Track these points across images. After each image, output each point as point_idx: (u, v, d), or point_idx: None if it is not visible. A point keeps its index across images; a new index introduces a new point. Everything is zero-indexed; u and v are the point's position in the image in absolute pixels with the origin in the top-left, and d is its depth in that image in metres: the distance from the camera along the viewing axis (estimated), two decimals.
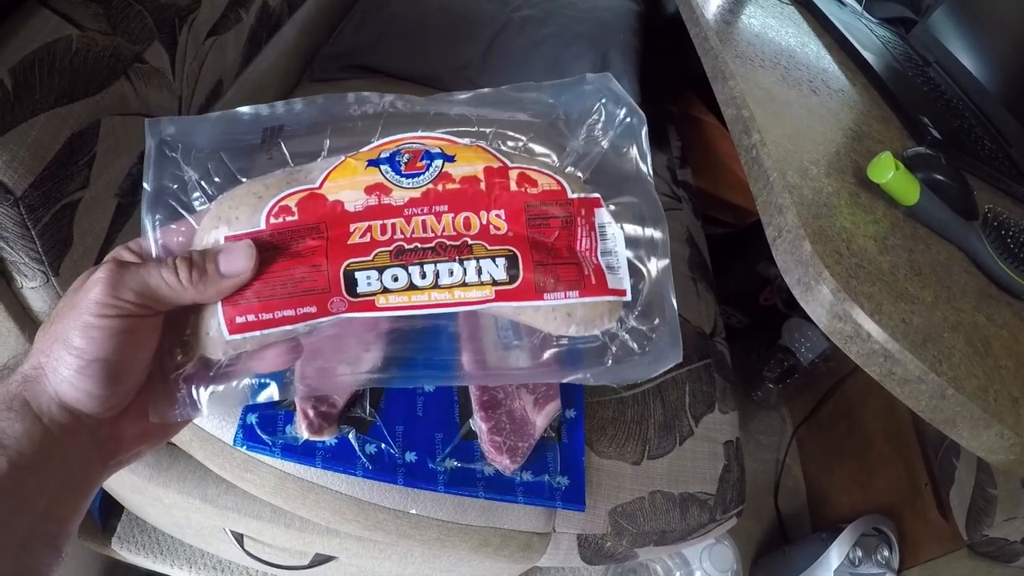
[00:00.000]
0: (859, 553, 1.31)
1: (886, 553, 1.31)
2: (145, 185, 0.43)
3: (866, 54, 1.03)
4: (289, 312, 0.41)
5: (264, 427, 0.76)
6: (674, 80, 1.64)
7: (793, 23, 1.10)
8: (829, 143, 0.79)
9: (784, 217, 0.65)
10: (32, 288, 0.67)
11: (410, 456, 0.77)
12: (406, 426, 0.78)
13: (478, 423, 0.78)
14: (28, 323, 0.71)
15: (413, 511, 0.79)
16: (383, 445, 0.77)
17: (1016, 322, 0.68)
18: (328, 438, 0.76)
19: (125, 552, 1.21)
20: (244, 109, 0.45)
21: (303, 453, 0.75)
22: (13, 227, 0.62)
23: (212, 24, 0.90)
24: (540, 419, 0.80)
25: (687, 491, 0.88)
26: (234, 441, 0.76)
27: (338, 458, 0.76)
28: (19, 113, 0.60)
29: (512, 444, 0.78)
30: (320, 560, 1.04)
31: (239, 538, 1.03)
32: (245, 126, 0.45)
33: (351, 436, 0.76)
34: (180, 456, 0.89)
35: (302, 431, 0.74)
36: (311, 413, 0.74)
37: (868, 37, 1.15)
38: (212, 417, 0.78)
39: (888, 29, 1.29)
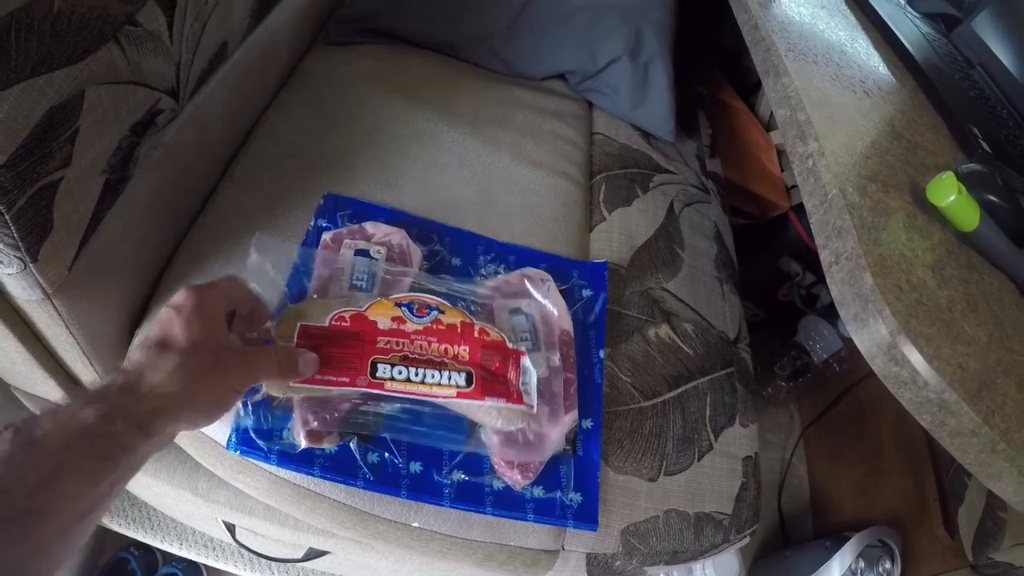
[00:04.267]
0: (861, 564, 1.28)
1: (888, 565, 1.28)
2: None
3: (914, 53, 0.98)
4: (332, 378, 0.65)
5: (260, 431, 0.70)
6: (707, 60, 1.57)
7: (841, 14, 1.03)
8: (884, 154, 0.73)
9: (843, 241, 0.60)
10: (9, 275, 0.61)
11: (415, 467, 0.72)
12: (419, 407, 0.73)
13: (488, 435, 0.73)
14: (7, 310, 0.66)
15: (415, 524, 0.74)
16: (387, 454, 0.72)
17: None
18: (328, 446, 0.70)
19: (115, 525, 1.18)
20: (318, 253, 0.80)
21: (301, 461, 0.70)
22: None
23: None
24: (555, 432, 0.75)
25: (703, 510, 0.84)
26: (227, 444, 0.70)
27: (338, 467, 0.71)
28: None
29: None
30: (314, 554, 1.00)
31: (231, 528, 0.99)
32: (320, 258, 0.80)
33: (352, 444, 0.71)
34: (170, 447, 0.84)
35: (300, 438, 0.69)
36: (311, 419, 0.69)
37: (913, 33, 1.09)
38: None
39: (931, 25, 1.23)
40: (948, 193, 0.65)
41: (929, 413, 0.55)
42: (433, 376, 0.67)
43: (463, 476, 0.73)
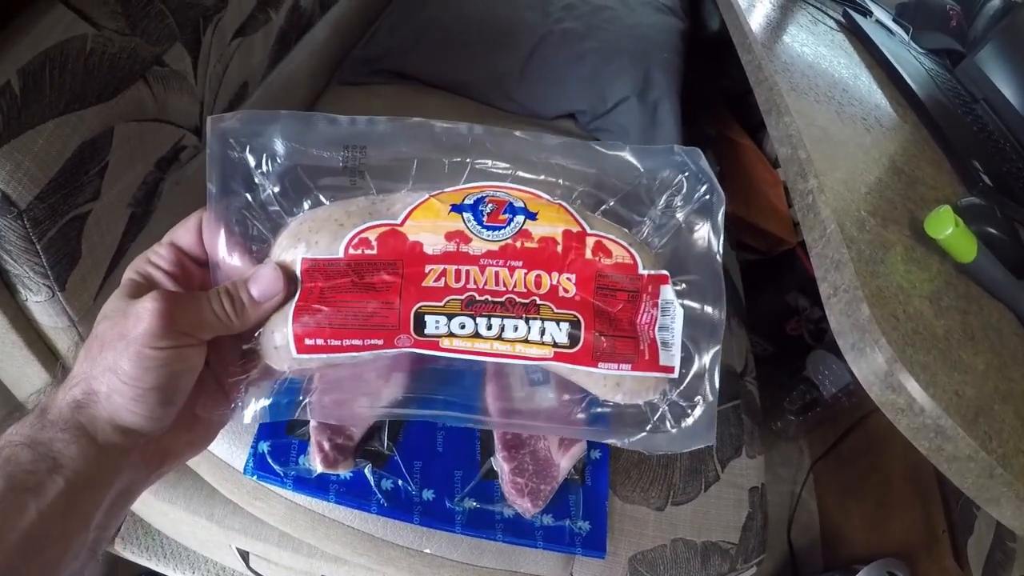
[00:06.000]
0: None
1: None
2: (210, 186, 0.43)
3: (917, 89, 1.00)
4: (357, 341, 0.42)
5: (276, 457, 0.72)
6: (714, 100, 1.60)
7: (844, 52, 1.06)
8: (884, 189, 0.75)
9: (841, 274, 0.62)
10: (37, 302, 0.64)
11: (427, 494, 0.74)
12: (424, 462, 0.75)
13: (500, 463, 0.75)
14: (33, 336, 0.68)
15: (427, 551, 0.76)
16: (400, 481, 0.73)
17: None
18: (343, 472, 0.72)
19: (127, 552, 1.19)
20: (321, 116, 0.45)
21: (316, 486, 0.72)
22: (17, 240, 0.58)
23: (239, 25, 0.86)
24: (565, 461, 0.76)
25: (710, 540, 0.85)
26: (244, 470, 0.72)
27: (352, 493, 0.73)
28: (26, 119, 0.56)
29: (534, 487, 0.74)
30: None
31: (245, 555, 1.00)
32: (322, 136, 0.45)
33: (367, 470, 0.73)
34: (187, 473, 0.86)
35: (316, 464, 0.71)
36: (326, 445, 0.71)
37: (916, 69, 1.11)
38: (223, 442, 0.75)
39: (934, 60, 1.25)
40: (945, 226, 0.66)
41: (926, 439, 0.55)
42: (516, 329, 0.42)
43: (474, 503, 0.74)
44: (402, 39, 1.23)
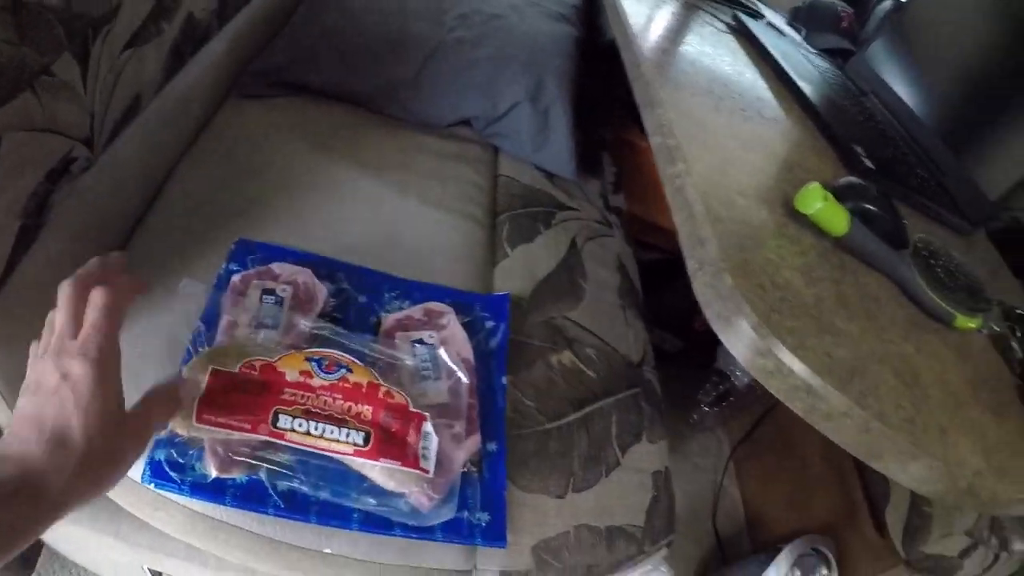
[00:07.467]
0: (798, 573, 1.31)
1: (825, 572, 1.31)
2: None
3: (801, 83, 1.04)
4: (234, 422, 0.68)
5: (172, 464, 0.72)
6: (611, 105, 1.64)
7: (730, 51, 1.10)
8: (759, 173, 0.78)
9: (705, 250, 0.64)
10: None
11: (324, 494, 0.74)
12: (320, 461, 0.75)
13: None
14: None
15: (328, 550, 0.76)
16: (296, 483, 0.73)
17: (943, 350, 0.69)
18: (239, 475, 0.72)
19: None
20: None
21: (213, 491, 0.72)
22: None
23: (130, 36, 0.86)
24: (460, 453, 0.77)
25: (614, 524, 0.86)
26: (141, 478, 0.72)
27: (249, 496, 0.72)
28: None
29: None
30: None
31: None
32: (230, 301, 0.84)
33: (263, 474, 0.73)
34: None
35: (210, 468, 0.71)
36: (220, 449, 0.71)
37: (806, 68, 1.16)
38: None
39: (827, 60, 1.31)
40: (814, 201, 0.70)
41: (799, 399, 0.57)
42: (332, 432, 0.70)
43: (371, 500, 0.74)
44: (300, 51, 1.24)
